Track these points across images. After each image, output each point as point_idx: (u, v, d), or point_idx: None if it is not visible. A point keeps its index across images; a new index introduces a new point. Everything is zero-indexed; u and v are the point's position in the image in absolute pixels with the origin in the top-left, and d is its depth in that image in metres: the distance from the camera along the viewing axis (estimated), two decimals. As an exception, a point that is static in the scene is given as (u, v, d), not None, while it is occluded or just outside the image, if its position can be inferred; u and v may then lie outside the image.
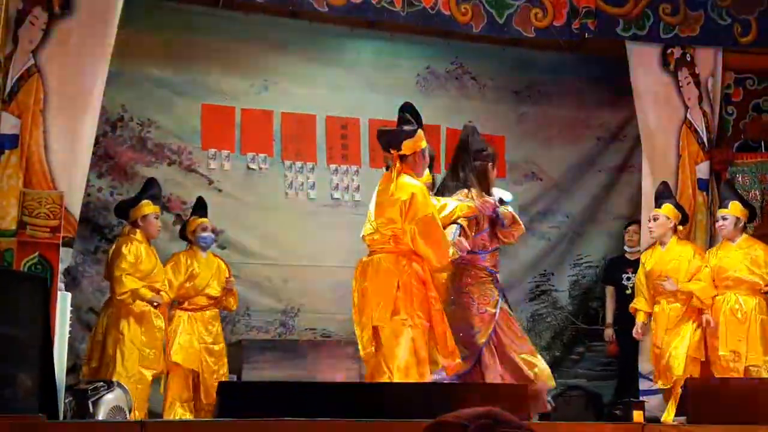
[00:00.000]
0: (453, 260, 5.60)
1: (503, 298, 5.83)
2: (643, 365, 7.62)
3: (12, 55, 6.25)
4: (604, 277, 8.59)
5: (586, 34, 7.93)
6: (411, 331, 5.17)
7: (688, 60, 8.13)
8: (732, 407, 4.75)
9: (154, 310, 6.63)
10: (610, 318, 8.26)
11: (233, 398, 4.42)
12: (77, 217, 6.44)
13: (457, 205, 5.53)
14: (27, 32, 6.32)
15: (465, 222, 5.57)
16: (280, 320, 8.14)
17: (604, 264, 8.71)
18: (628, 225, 8.33)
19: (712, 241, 7.71)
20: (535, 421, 4.99)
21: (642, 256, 7.37)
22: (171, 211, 7.78)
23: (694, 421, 4.64)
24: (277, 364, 7.19)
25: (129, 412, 5.65)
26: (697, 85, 8.09)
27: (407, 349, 5.14)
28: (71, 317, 6.21)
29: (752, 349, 6.77)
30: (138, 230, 6.74)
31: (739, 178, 7.89)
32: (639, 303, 7.17)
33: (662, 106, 8.07)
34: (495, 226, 5.80)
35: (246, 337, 7.81)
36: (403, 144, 5.34)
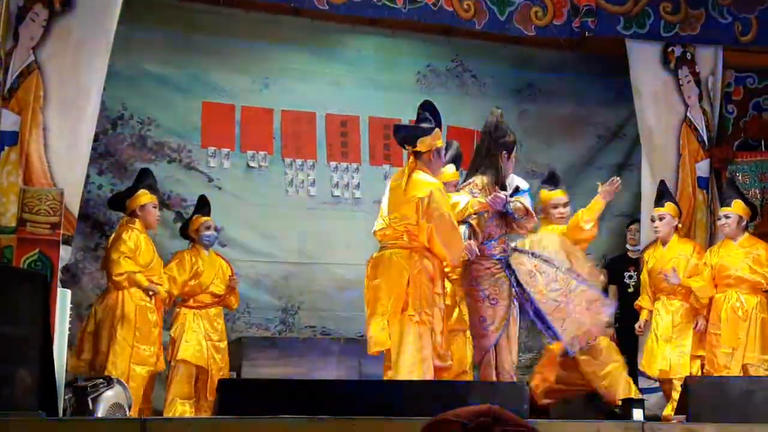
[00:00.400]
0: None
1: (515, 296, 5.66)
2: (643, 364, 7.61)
3: (12, 51, 6.26)
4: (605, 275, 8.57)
5: (587, 33, 7.93)
6: (418, 327, 5.14)
7: (689, 58, 8.13)
8: (731, 406, 4.75)
9: (149, 306, 6.52)
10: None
11: (233, 395, 4.42)
12: (76, 215, 6.44)
13: (469, 201, 5.48)
14: (27, 29, 6.33)
15: (475, 220, 5.53)
16: (280, 318, 8.14)
17: (606, 262, 8.69)
18: (630, 224, 8.31)
19: (712, 240, 7.71)
20: (534, 419, 4.98)
21: (645, 255, 7.38)
22: (171, 208, 7.77)
23: (694, 419, 4.64)
24: (276, 362, 7.19)
25: (129, 409, 5.64)
26: (698, 84, 8.09)
27: (413, 345, 5.11)
28: (71, 314, 6.21)
29: (751, 348, 6.76)
30: (137, 220, 6.64)
31: (739, 177, 7.89)
32: (643, 301, 7.19)
33: (662, 105, 8.08)
34: (504, 215, 5.70)
35: (246, 335, 7.80)
36: (419, 141, 5.33)
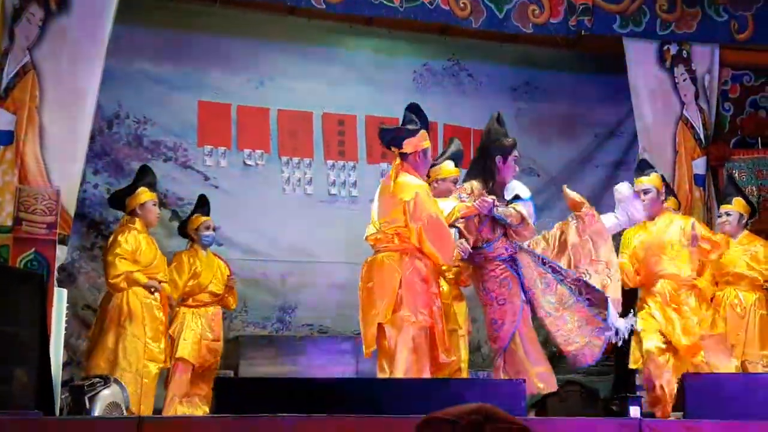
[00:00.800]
0: (466, 259, 5.60)
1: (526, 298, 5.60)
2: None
3: (8, 51, 6.26)
4: (601, 272, 8.56)
5: (583, 31, 7.93)
6: (412, 328, 5.15)
7: (685, 56, 8.14)
8: (729, 402, 4.74)
9: (155, 303, 6.49)
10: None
11: (230, 394, 4.41)
12: (72, 214, 6.43)
13: (455, 206, 5.48)
14: (23, 29, 6.33)
15: (462, 224, 5.54)
16: (277, 316, 8.14)
17: (602, 260, 8.69)
18: (626, 221, 8.31)
19: (708, 237, 7.69)
20: (531, 416, 4.98)
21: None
22: (168, 207, 7.76)
23: (691, 416, 4.63)
24: (274, 360, 7.20)
25: (125, 408, 5.63)
26: (694, 82, 8.10)
27: (408, 346, 5.12)
28: (67, 314, 6.20)
29: (750, 344, 6.77)
30: (137, 219, 6.59)
31: (736, 174, 7.89)
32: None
33: (659, 103, 8.08)
34: (494, 223, 5.67)
35: (243, 333, 7.81)
36: (405, 142, 5.30)
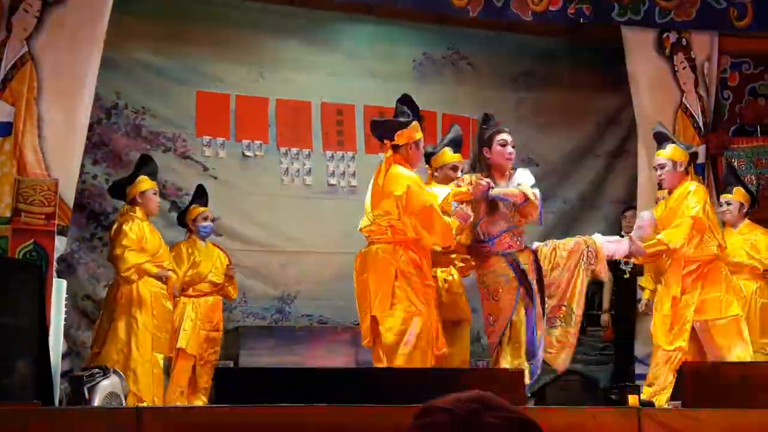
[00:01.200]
0: (469, 246, 5.55)
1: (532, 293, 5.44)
2: (639, 349, 7.63)
3: (6, 42, 6.25)
4: (601, 262, 8.57)
5: (582, 19, 7.91)
6: (411, 319, 5.15)
7: (684, 44, 8.11)
8: (728, 391, 4.74)
9: (164, 293, 6.48)
10: (606, 303, 8.26)
11: (229, 384, 4.41)
12: (71, 205, 6.42)
13: (449, 191, 5.47)
14: (21, 20, 6.31)
15: (468, 207, 5.48)
16: (276, 307, 8.14)
17: (602, 249, 8.69)
18: (625, 210, 8.31)
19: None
20: (530, 405, 4.97)
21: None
22: (167, 198, 7.75)
23: (690, 405, 4.63)
24: (273, 351, 7.20)
25: (125, 398, 5.64)
26: (693, 70, 8.08)
27: (406, 339, 5.11)
28: (67, 304, 6.20)
29: (751, 333, 6.75)
30: (137, 208, 6.56)
31: (735, 163, 7.88)
32: (645, 281, 7.19)
33: (658, 91, 8.06)
34: (495, 211, 5.60)
35: (243, 324, 7.82)
36: (397, 134, 5.28)
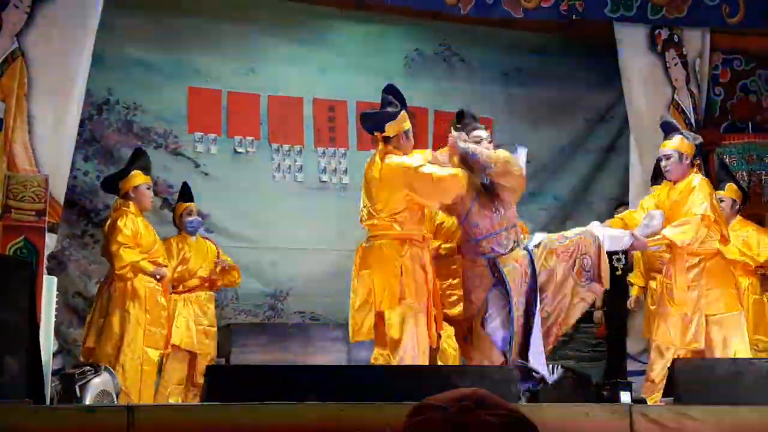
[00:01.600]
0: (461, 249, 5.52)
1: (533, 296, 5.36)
2: (632, 346, 7.64)
3: (-5, 38, 6.22)
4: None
5: (574, 16, 7.91)
6: (415, 315, 5.14)
7: (676, 41, 8.12)
8: (719, 388, 4.75)
9: (158, 289, 6.45)
10: (599, 300, 8.25)
11: (221, 382, 4.40)
12: (62, 202, 6.40)
13: (425, 154, 5.41)
14: (11, 15, 6.29)
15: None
16: (268, 304, 8.13)
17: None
18: (618, 206, 8.30)
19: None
20: (523, 402, 4.97)
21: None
22: (158, 195, 7.72)
23: (681, 401, 4.64)
24: (265, 348, 7.18)
25: (116, 396, 5.62)
26: (685, 66, 8.09)
27: (413, 334, 5.11)
28: (57, 301, 6.18)
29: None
30: (130, 203, 6.49)
31: (726, 159, 7.89)
32: (635, 277, 7.21)
33: (650, 87, 8.07)
34: (484, 207, 5.48)
35: (234, 321, 7.80)
36: (387, 126, 5.28)
